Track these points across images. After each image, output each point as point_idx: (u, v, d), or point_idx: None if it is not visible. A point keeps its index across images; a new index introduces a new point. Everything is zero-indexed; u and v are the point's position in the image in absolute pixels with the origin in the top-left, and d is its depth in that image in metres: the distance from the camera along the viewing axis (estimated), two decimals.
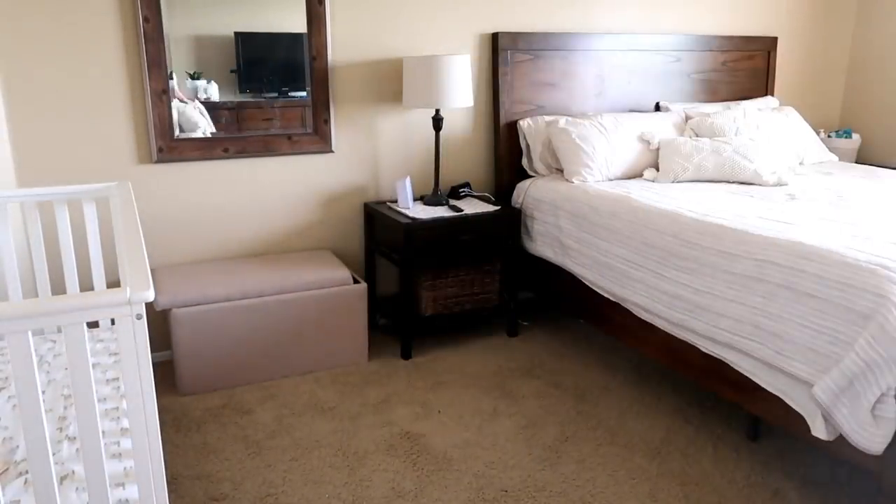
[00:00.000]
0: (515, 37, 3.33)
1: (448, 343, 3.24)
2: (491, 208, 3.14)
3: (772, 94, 4.04)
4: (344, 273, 2.92)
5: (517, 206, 3.29)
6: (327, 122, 3.11)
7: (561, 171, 3.27)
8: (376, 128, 3.24)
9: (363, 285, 2.94)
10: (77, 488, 1.51)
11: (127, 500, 1.50)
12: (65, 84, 2.68)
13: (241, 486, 2.18)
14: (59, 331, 2.36)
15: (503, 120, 3.38)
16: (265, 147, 3.04)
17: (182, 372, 2.72)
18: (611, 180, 3.14)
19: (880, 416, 1.73)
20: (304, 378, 2.89)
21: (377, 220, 3.19)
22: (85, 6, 2.65)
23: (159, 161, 2.87)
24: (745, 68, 3.94)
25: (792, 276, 1.97)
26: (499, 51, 3.30)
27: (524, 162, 3.40)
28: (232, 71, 2.92)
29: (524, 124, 3.35)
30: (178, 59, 2.83)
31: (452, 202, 3.23)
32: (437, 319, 3.13)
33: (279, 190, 3.12)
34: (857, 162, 4.11)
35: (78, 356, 1.28)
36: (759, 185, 3.01)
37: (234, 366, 2.78)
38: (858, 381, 1.75)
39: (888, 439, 1.72)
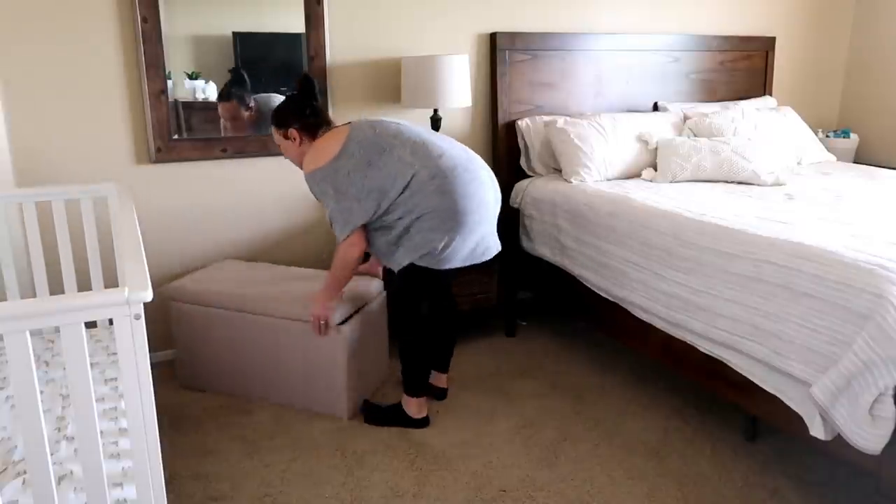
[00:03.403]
0: (514, 37, 3.33)
1: None
2: None
3: (770, 94, 4.04)
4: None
5: (515, 205, 3.29)
6: None
7: (559, 170, 3.27)
8: None
9: None
10: (75, 488, 1.51)
11: (125, 500, 1.50)
12: (63, 84, 2.68)
13: (240, 486, 2.18)
14: (58, 331, 2.36)
15: (501, 120, 3.38)
16: (264, 147, 3.03)
17: (182, 371, 2.71)
18: (609, 180, 3.14)
19: (878, 416, 1.73)
20: None
21: None
22: (83, 6, 2.64)
23: (157, 161, 2.87)
24: (744, 68, 3.94)
25: (790, 276, 1.97)
26: (497, 51, 3.31)
27: (522, 162, 3.40)
28: (230, 71, 2.92)
29: (522, 124, 3.35)
30: (176, 59, 2.82)
31: None
32: None
33: (278, 190, 3.12)
34: (855, 162, 4.11)
35: (76, 356, 1.28)
36: (758, 184, 3.02)
37: (234, 366, 2.78)
38: (856, 380, 1.76)
39: (886, 439, 1.72)
